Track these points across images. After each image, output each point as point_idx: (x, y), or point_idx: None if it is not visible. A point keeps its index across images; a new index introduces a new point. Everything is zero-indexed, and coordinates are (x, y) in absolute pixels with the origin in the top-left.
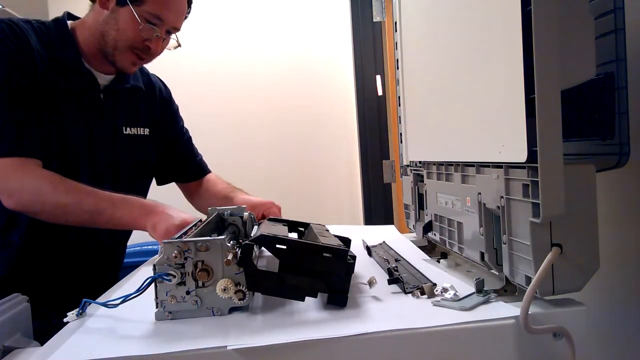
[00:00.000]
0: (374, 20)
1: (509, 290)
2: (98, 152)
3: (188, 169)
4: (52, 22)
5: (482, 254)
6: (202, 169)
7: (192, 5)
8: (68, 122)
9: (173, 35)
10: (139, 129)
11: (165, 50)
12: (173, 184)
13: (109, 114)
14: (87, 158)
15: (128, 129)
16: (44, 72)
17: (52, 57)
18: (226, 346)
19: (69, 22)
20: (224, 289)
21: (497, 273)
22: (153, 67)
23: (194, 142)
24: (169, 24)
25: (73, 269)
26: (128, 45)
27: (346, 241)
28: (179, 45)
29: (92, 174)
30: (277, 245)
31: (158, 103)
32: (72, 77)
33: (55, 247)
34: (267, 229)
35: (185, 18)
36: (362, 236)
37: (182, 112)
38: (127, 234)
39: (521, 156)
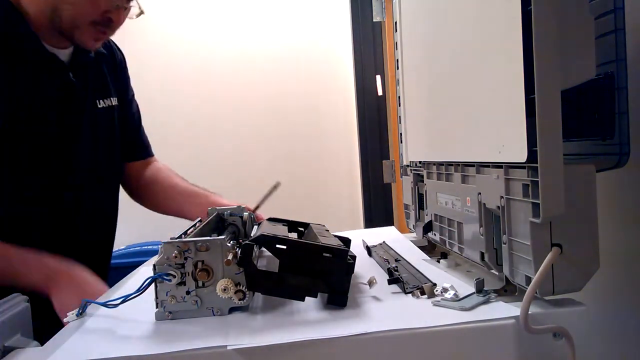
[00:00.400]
0: (374, 20)
1: (508, 290)
2: (78, 135)
3: (135, 144)
4: None
5: (482, 254)
6: (147, 148)
7: None
8: (37, 110)
9: (134, 2)
10: (110, 99)
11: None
12: None
13: (81, 91)
14: (69, 142)
15: (101, 101)
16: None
17: (5, 41)
18: (226, 346)
19: None
20: (224, 289)
21: (497, 273)
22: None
23: (193, 142)
24: None
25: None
26: (88, 21)
27: (346, 241)
28: (142, 12)
29: (75, 160)
30: (277, 245)
31: (119, 67)
32: (35, 61)
33: (38, 246)
34: (267, 229)
35: None
36: (362, 237)
37: (182, 113)
38: (112, 232)
39: (521, 156)
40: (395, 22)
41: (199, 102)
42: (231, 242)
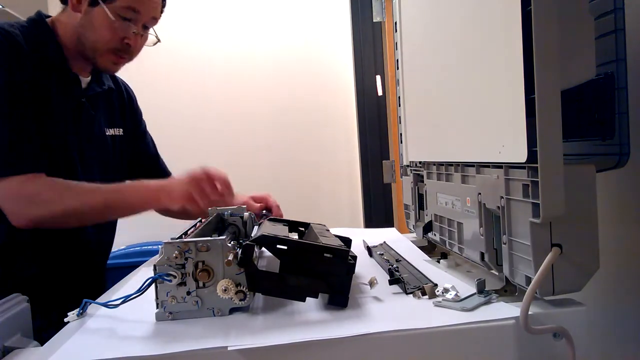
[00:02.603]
0: (374, 21)
1: (509, 291)
2: (89, 157)
3: (157, 169)
4: (31, 23)
5: (482, 254)
6: (166, 170)
7: None
8: (59, 127)
9: (151, 31)
10: (115, 129)
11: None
12: None
13: (92, 116)
14: (79, 163)
15: (109, 130)
16: (36, 76)
17: (39, 59)
18: (227, 347)
19: (47, 20)
20: (225, 290)
21: (497, 273)
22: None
23: (195, 142)
24: (145, 16)
25: (58, 268)
26: (107, 47)
27: (347, 241)
28: (158, 40)
29: (87, 180)
30: (278, 246)
31: (127, 103)
32: (59, 79)
33: (39, 246)
34: (268, 229)
35: (162, 10)
36: (362, 237)
37: (182, 114)
38: (112, 231)
39: (521, 156)
40: (395, 22)
41: (199, 102)
42: (232, 243)
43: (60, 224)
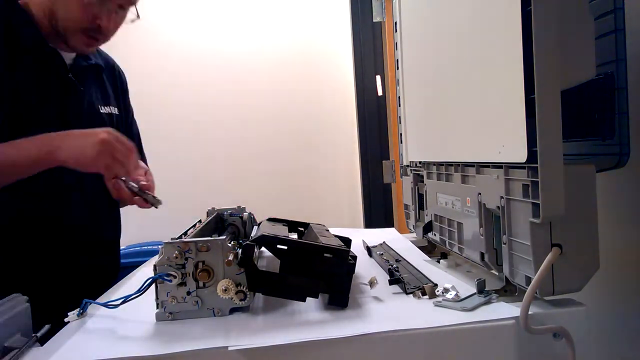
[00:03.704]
0: (374, 21)
1: (509, 291)
2: None
3: None
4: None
5: (482, 254)
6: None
7: None
8: (38, 105)
9: (128, 9)
10: (111, 107)
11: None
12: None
13: (82, 92)
14: None
15: (103, 107)
16: (5, 54)
17: (10, 37)
18: (227, 347)
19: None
20: (225, 290)
21: (497, 273)
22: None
23: (196, 141)
24: None
25: (68, 265)
26: (79, 27)
27: (346, 241)
28: (138, 17)
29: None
30: (278, 246)
31: (118, 83)
32: (36, 57)
33: (46, 240)
34: (268, 229)
35: None
36: (362, 237)
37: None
38: (115, 229)
39: (521, 156)
40: (395, 23)
41: (199, 102)
42: (232, 243)
43: None
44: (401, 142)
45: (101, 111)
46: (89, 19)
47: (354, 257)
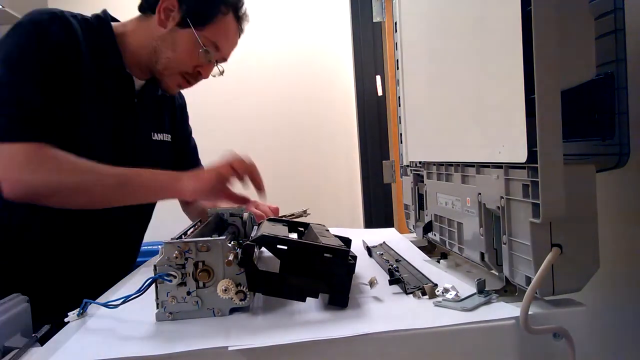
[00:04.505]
0: (374, 21)
1: (509, 291)
2: (123, 156)
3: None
4: (96, 21)
5: (482, 255)
6: None
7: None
8: (98, 121)
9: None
10: (163, 135)
11: None
12: None
13: (140, 118)
14: (110, 160)
15: (156, 134)
16: (86, 66)
17: (94, 56)
18: (227, 347)
19: (114, 25)
20: (225, 290)
21: (497, 273)
22: None
23: (196, 141)
24: (223, 54)
25: (90, 261)
26: (179, 69)
27: (346, 241)
28: (222, 73)
29: None
30: (278, 246)
31: (177, 109)
32: (111, 76)
33: (66, 234)
34: (268, 229)
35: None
36: (362, 237)
37: None
38: (144, 228)
39: (521, 156)
40: (395, 23)
41: (198, 102)
42: (232, 243)
43: (59, 201)
44: (401, 142)
45: (153, 138)
46: (192, 65)
47: (354, 257)
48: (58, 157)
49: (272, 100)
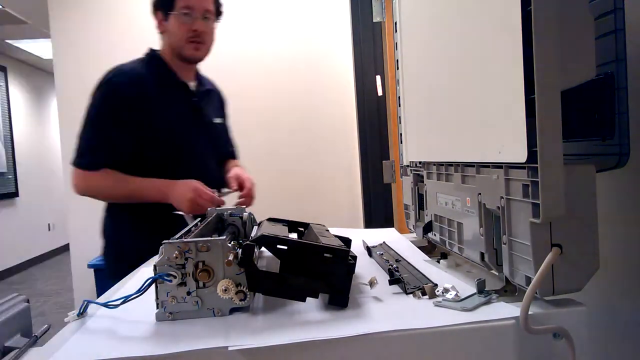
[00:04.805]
0: (374, 21)
1: (509, 291)
2: (200, 142)
3: (233, 151)
4: (148, 56)
5: (482, 255)
6: (233, 154)
7: None
8: (177, 120)
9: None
10: (220, 119)
11: None
12: None
13: (202, 110)
14: (193, 147)
15: (215, 119)
16: (155, 93)
17: (157, 79)
18: (227, 347)
19: (159, 52)
20: (225, 290)
21: (497, 273)
22: None
23: None
24: (199, 9)
25: None
26: (185, 40)
27: (346, 241)
28: (218, 16)
29: (197, 159)
30: (278, 246)
31: (222, 102)
32: (173, 89)
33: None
34: (268, 229)
35: (217, 4)
36: (362, 237)
37: None
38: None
39: (521, 156)
40: (395, 23)
41: None
42: (232, 243)
43: (100, 199)
44: (401, 142)
45: (214, 121)
46: (187, 30)
47: (354, 257)
48: (101, 177)
49: (271, 100)
